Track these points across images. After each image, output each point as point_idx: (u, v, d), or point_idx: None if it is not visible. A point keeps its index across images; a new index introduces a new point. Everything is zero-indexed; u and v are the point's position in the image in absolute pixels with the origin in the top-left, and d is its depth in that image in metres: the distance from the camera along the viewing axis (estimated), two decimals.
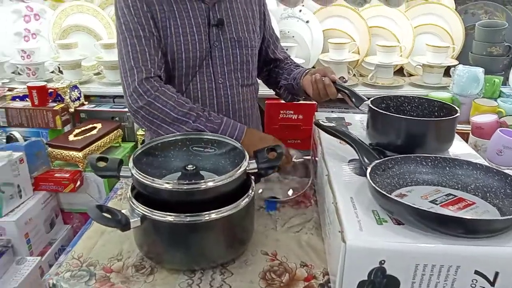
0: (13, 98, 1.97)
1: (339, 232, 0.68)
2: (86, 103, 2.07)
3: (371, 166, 0.79)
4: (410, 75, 2.27)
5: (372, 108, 0.99)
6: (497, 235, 0.64)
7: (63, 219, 1.84)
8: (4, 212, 1.50)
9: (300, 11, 2.22)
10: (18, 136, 1.79)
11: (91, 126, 1.91)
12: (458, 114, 0.94)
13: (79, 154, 1.73)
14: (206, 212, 0.77)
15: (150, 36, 1.10)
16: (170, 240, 0.81)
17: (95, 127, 1.90)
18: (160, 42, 1.11)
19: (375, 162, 0.81)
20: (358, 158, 0.88)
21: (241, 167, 0.84)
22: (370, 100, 1.03)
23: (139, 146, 1.98)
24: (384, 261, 0.64)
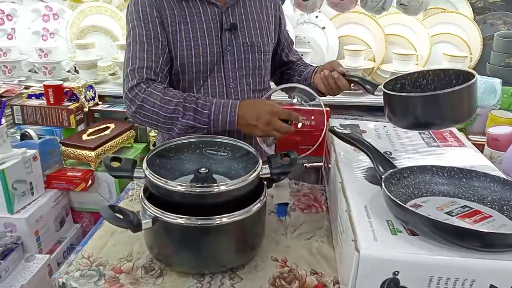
0: (29, 96, 1.99)
1: (353, 241, 0.67)
2: (100, 103, 2.09)
3: (386, 175, 0.78)
4: None
5: (386, 92, 0.94)
6: None
7: (73, 218, 1.85)
8: (16, 209, 1.51)
9: (316, 17, 2.22)
10: (33, 134, 1.81)
11: (104, 126, 1.92)
12: (476, 77, 0.88)
13: (92, 154, 1.74)
14: (218, 216, 0.77)
15: (153, 42, 1.10)
16: (180, 243, 0.80)
17: (108, 127, 1.91)
18: (165, 48, 1.11)
19: (390, 171, 0.80)
20: (372, 166, 0.86)
21: (254, 171, 0.84)
22: (383, 84, 0.98)
23: (152, 148, 1.99)
24: (398, 272, 0.62)
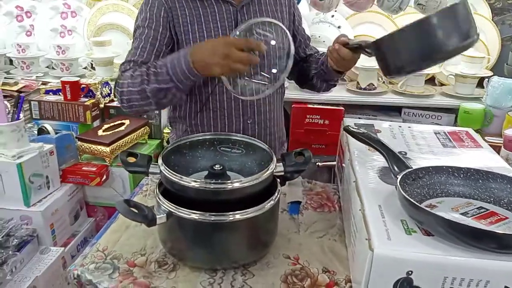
0: (46, 92, 2.03)
1: (366, 239, 0.67)
2: (116, 99, 2.11)
3: (401, 175, 0.77)
4: (442, 84, 2.23)
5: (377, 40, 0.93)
6: None
7: (87, 212, 1.87)
8: (32, 202, 1.54)
9: (332, 16, 2.21)
10: (50, 129, 1.83)
11: (119, 122, 1.94)
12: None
13: (107, 149, 1.76)
14: (231, 213, 0.77)
15: (151, 41, 1.13)
16: (194, 238, 0.81)
17: (123, 123, 1.93)
18: (162, 47, 1.14)
19: (406, 171, 0.79)
20: (387, 166, 0.86)
21: (268, 169, 0.84)
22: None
23: (165, 144, 2.00)
24: (412, 271, 0.62)
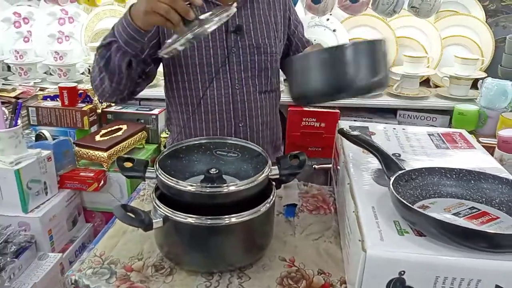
0: (44, 98, 2.03)
1: (359, 241, 0.68)
2: (113, 104, 2.12)
3: (394, 176, 0.78)
4: (437, 86, 2.24)
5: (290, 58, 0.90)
6: None
7: (85, 218, 1.88)
8: (30, 208, 1.54)
9: (327, 20, 2.22)
10: (47, 135, 1.84)
11: (116, 127, 1.95)
12: (382, 39, 0.83)
13: (104, 154, 1.77)
14: (227, 216, 0.78)
15: None
16: (190, 242, 0.82)
17: (120, 128, 1.94)
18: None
19: (399, 172, 0.80)
20: (381, 168, 0.87)
21: (263, 172, 0.85)
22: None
23: (163, 149, 2.01)
24: (404, 272, 0.63)
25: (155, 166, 0.87)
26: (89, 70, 2.29)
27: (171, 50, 0.91)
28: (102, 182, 1.77)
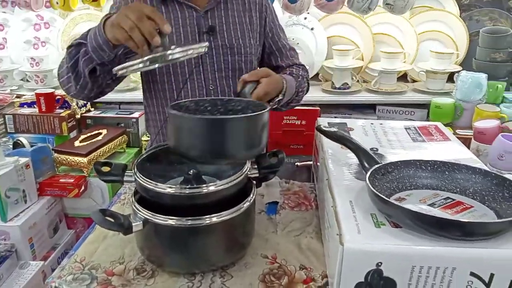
0: (21, 105, 2.01)
1: (337, 235, 0.69)
2: (92, 109, 2.10)
3: (370, 170, 0.79)
4: (414, 81, 2.28)
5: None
6: (493, 237, 0.65)
7: (67, 224, 1.86)
8: (9, 217, 1.52)
9: (305, 18, 2.24)
10: (25, 142, 1.81)
11: (96, 132, 1.94)
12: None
13: (84, 160, 1.75)
14: (207, 216, 0.78)
15: None
16: (171, 244, 0.82)
17: (100, 133, 1.92)
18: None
19: (375, 166, 0.81)
20: (359, 163, 0.88)
21: (242, 172, 0.85)
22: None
23: (143, 152, 2.00)
24: (381, 263, 0.64)
25: (133, 170, 0.86)
26: None
27: (126, 71, 0.87)
28: (83, 188, 1.75)
